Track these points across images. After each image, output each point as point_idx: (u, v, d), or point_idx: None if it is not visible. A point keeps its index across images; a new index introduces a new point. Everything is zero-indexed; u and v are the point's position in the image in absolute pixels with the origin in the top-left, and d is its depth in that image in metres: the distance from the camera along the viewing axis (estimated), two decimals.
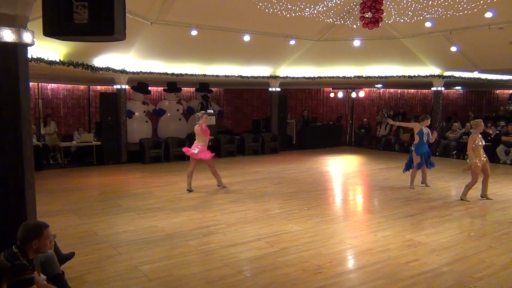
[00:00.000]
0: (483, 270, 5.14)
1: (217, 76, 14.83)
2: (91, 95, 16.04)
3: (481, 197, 8.85)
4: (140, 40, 12.03)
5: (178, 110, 16.17)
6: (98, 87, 16.04)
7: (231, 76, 15.07)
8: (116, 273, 5.08)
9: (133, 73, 13.48)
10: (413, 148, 9.90)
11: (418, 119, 10.16)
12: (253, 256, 5.61)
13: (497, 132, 14.74)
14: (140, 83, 15.16)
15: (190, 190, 9.51)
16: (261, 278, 4.93)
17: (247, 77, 15.44)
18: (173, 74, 14.04)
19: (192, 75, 14.41)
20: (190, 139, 15.28)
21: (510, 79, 17.66)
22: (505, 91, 20.62)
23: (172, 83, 15.74)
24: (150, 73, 13.68)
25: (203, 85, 16.48)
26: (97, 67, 12.00)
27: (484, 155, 8.62)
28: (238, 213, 7.70)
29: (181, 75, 14.19)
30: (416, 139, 9.81)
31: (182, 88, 16.65)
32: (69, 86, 15.55)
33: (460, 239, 6.32)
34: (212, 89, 17.14)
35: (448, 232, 6.65)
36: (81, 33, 3.57)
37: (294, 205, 8.36)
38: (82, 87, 15.88)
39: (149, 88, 15.65)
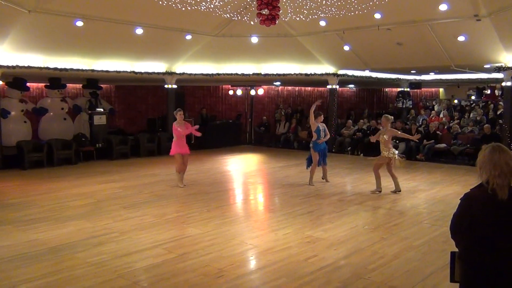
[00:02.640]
0: (376, 261, 5.58)
1: (107, 71, 14.21)
2: None
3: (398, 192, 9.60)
4: (16, 30, 11.09)
5: (62, 108, 15.20)
6: None
7: (123, 71, 14.55)
8: None
9: (8, 67, 12.35)
10: (311, 145, 10.41)
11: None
12: (150, 264, 5.47)
13: None
14: (16, 78, 13.96)
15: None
16: (159, 287, 4.82)
17: (140, 73, 15.01)
18: (56, 68, 13.15)
19: (78, 70, 13.62)
20: (76, 141, 14.49)
21: (398, 78, 19.42)
22: (394, 89, 22.60)
23: (55, 79, 14.76)
24: (29, 67, 12.66)
25: (91, 81, 15.70)
26: None
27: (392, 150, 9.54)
28: (133, 220, 7.46)
29: (66, 70, 13.34)
30: (314, 136, 10.32)
31: (67, 85, 15.68)
32: None
33: (355, 232, 6.78)
34: (101, 85, 16.39)
35: (344, 226, 7.10)
36: None
37: (193, 207, 8.32)
38: None
39: (28, 84, 14.49)
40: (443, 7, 10.71)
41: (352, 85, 22.46)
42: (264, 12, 9.70)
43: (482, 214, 2.81)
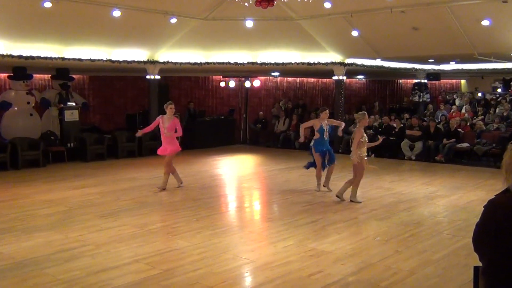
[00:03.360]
0: (389, 277, 5.60)
1: (80, 60, 14.18)
2: None
3: (338, 198, 9.40)
4: None
5: (28, 102, 15.17)
6: None
7: (98, 60, 14.52)
8: None
9: None
10: (311, 144, 10.35)
11: (317, 113, 10.66)
12: (130, 281, 5.47)
13: (401, 125, 16.17)
14: None
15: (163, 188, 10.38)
16: None
17: (118, 61, 14.99)
18: (20, 56, 13.11)
19: (46, 58, 13.59)
20: (45, 140, 14.45)
21: (414, 68, 19.49)
22: (409, 80, 22.67)
23: (20, 69, 14.74)
24: None
25: (61, 71, 15.67)
26: None
27: (365, 154, 9.26)
28: (110, 230, 7.46)
29: (32, 58, 13.31)
30: (317, 135, 10.31)
31: (34, 75, 15.65)
32: None
33: (366, 244, 6.82)
34: (73, 76, 16.36)
35: (353, 237, 7.14)
36: None
37: (179, 216, 8.33)
38: None
39: None
40: None
41: (361, 76, 22.54)
42: None
43: (508, 223, 2.83)
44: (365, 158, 9.21)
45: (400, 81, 23.75)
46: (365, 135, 9.27)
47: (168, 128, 10.32)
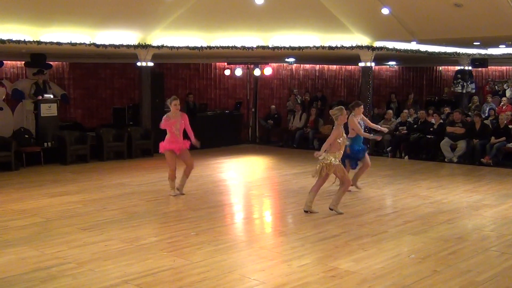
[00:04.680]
0: None
1: (59, 44, 14.25)
2: None
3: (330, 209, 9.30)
4: None
5: None
6: None
7: (80, 44, 14.58)
8: None
9: None
10: (348, 143, 10.28)
11: (348, 108, 10.69)
12: None
13: (441, 121, 16.06)
14: None
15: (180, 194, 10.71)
16: None
17: (104, 45, 15.04)
18: None
19: (19, 42, 13.67)
20: (17, 139, 14.53)
21: (456, 52, 19.36)
22: (450, 67, 22.51)
23: None
24: None
25: (36, 57, 15.76)
26: None
27: (339, 158, 9.10)
28: (95, 246, 7.49)
29: (2, 41, 13.41)
30: (353, 133, 10.48)
31: (4, 62, 15.76)
32: None
33: (398, 263, 6.79)
34: (51, 63, 16.45)
35: (382, 255, 7.11)
36: None
37: (176, 229, 8.35)
38: None
39: None
40: None
41: (393, 62, 22.45)
42: None
43: None
44: (336, 163, 8.94)
45: (440, 68, 23.59)
46: (344, 135, 9.12)
47: (180, 129, 10.62)
